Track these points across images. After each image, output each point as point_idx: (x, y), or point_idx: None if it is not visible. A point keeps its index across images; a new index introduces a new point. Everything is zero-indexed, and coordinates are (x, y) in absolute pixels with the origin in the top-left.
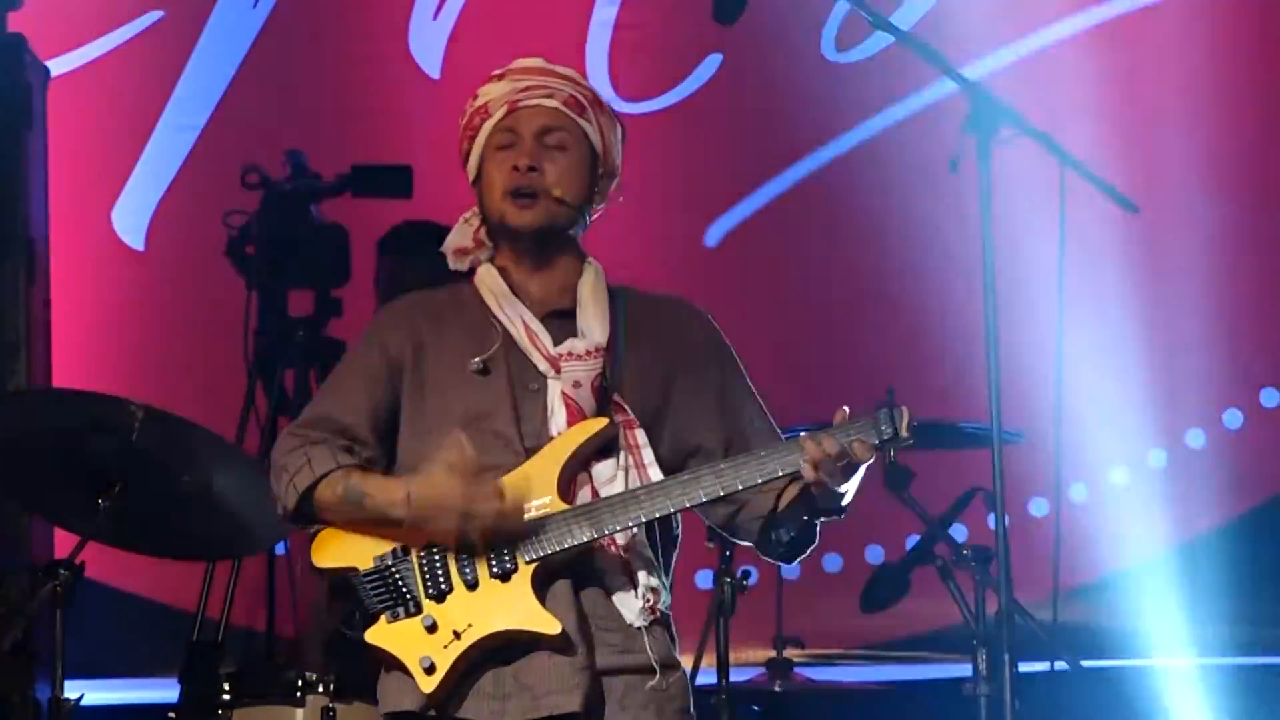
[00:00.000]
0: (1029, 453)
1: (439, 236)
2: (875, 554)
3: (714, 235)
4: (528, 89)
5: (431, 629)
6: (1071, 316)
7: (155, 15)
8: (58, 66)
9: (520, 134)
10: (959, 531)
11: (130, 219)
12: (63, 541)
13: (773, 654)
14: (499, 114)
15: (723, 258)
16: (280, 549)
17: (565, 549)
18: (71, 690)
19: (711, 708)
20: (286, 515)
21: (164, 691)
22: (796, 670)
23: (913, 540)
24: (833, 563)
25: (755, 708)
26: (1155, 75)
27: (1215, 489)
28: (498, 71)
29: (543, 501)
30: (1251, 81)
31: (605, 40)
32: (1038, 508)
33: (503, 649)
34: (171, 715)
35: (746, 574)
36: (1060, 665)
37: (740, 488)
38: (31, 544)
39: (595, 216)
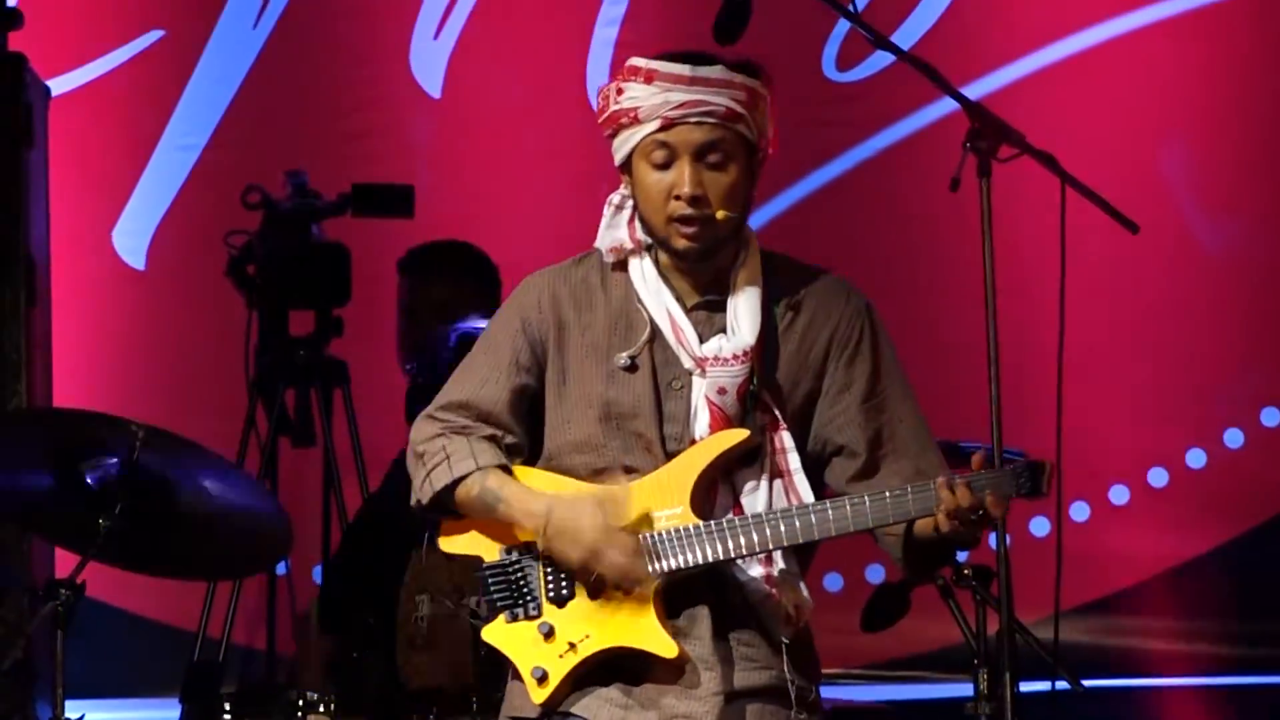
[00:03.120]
0: None
1: (464, 257)
2: (876, 573)
3: None
4: (683, 106)
5: (548, 635)
6: (1072, 336)
7: (156, 35)
8: (59, 86)
9: (677, 151)
10: (960, 551)
11: (131, 239)
12: (63, 561)
13: None
14: (651, 126)
15: None
16: (281, 569)
17: (690, 566)
18: (72, 710)
19: None
20: (420, 509)
21: (165, 711)
22: None
23: None
24: (833, 582)
25: None
26: (1155, 94)
27: (1216, 508)
28: (640, 64)
29: (674, 511)
30: (1252, 100)
31: (606, 59)
32: (1038, 527)
33: (629, 662)
34: None
35: None
36: (1061, 685)
37: (872, 526)
38: (32, 564)
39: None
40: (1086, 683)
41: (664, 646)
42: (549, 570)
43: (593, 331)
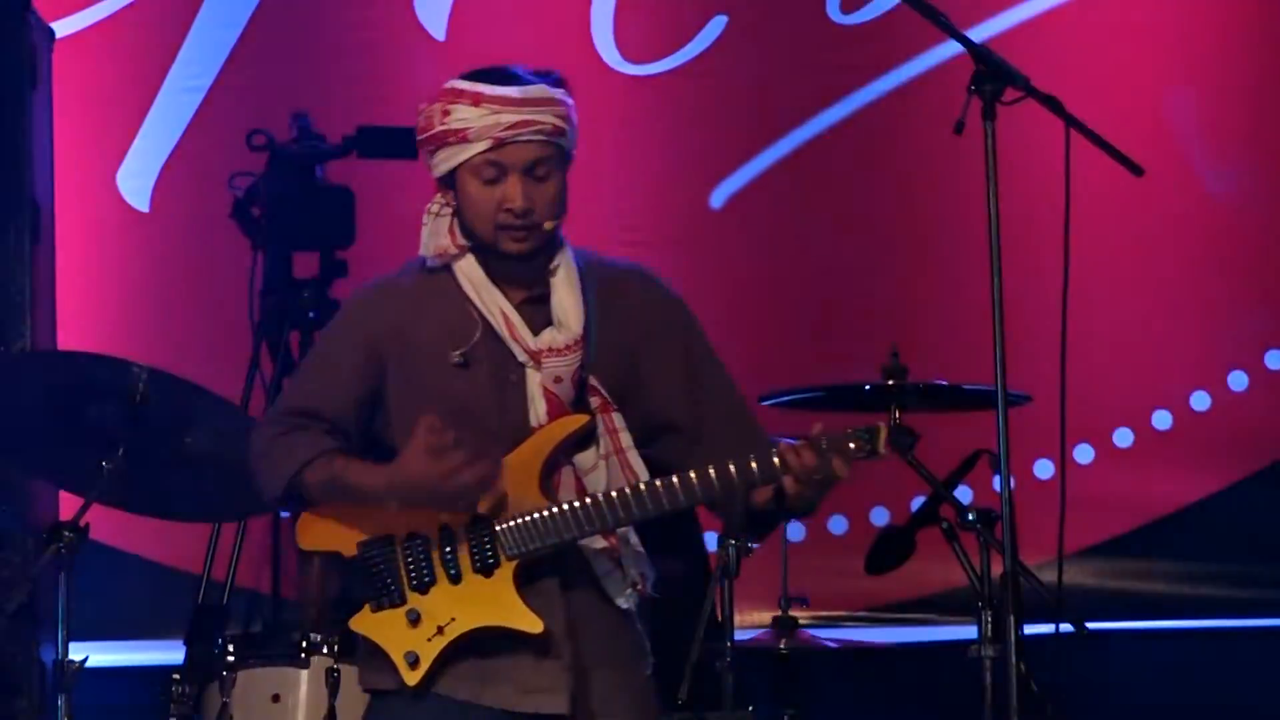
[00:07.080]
0: (1034, 414)
1: None
2: (880, 515)
3: (719, 197)
4: (513, 127)
5: (415, 621)
6: (1076, 278)
7: None
8: (63, 28)
9: (507, 168)
10: (964, 493)
11: (135, 181)
12: (67, 504)
13: (778, 613)
14: (481, 145)
15: (728, 219)
16: (285, 511)
17: (546, 546)
18: (76, 652)
19: (715, 669)
20: (275, 500)
21: (169, 653)
22: (802, 630)
23: (918, 502)
24: (838, 524)
25: (759, 668)
26: (1161, 36)
27: (1220, 451)
28: (464, 87)
29: (522, 497)
30: (1258, 41)
31: (610, 4)
32: (1042, 469)
33: (488, 638)
34: (176, 677)
35: None
36: (1065, 627)
37: (719, 494)
38: (36, 506)
39: None
40: (1090, 625)
41: (528, 622)
42: (409, 559)
43: (428, 334)
